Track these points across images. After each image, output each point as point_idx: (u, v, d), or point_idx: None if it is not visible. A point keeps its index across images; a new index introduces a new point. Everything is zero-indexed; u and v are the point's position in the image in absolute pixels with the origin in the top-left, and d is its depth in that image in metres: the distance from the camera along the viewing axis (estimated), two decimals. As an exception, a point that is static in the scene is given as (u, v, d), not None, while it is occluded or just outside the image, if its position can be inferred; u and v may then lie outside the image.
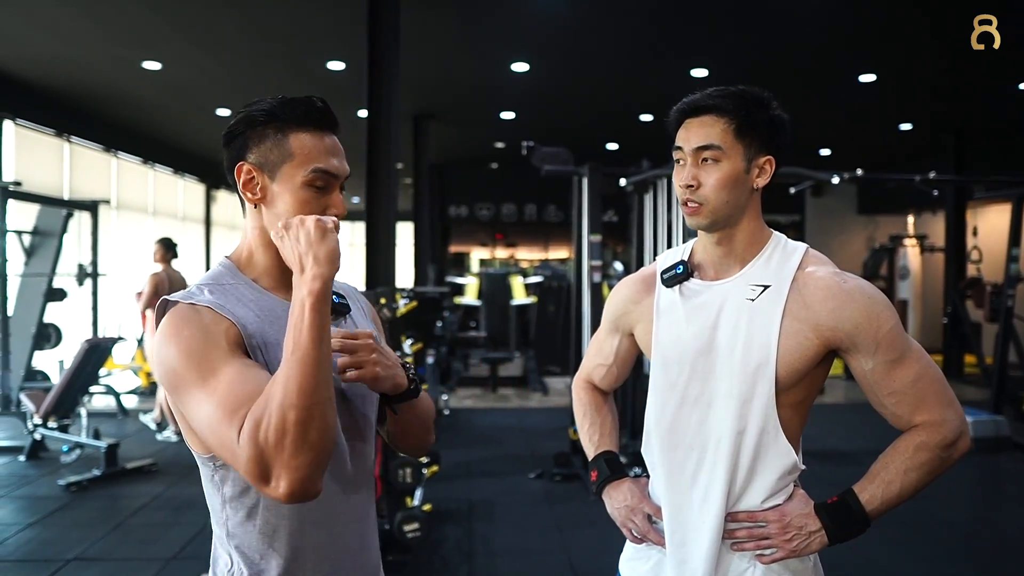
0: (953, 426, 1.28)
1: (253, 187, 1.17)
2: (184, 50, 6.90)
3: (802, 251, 1.35)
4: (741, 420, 1.31)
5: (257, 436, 0.96)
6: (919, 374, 1.28)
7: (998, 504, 5.16)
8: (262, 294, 1.18)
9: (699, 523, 1.34)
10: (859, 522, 1.29)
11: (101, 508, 4.59)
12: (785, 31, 6.35)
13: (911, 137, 10.67)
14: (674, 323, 1.40)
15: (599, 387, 1.67)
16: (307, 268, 1.04)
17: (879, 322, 1.27)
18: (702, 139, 1.32)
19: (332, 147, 1.18)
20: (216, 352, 1.06)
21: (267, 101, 1.17)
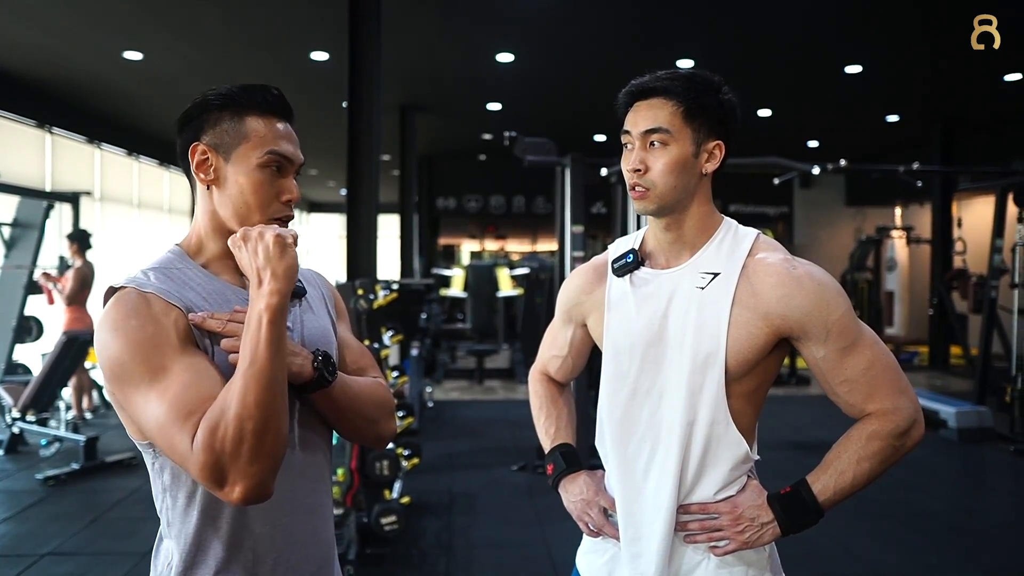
0: (906, 414, 1.25)
1: (206, 168, 1.16)
2: (166, 40, 6.82)
3: (752, 237, 1.32)
4: (691, 411, 1.29)
5: (213, 444, 0.97)
6: (871, 361, 1.26)
7: (981, 494, 5.17)
8: (211, 279, 1.17)
9: (652, 516, 1.32)
10: (811, 512, 1.27)
11: (78, 502, 4.55)
12: (772, 22, 6.32)
13: (898, 129, 10.67)
14: (624, 313, 1.37)
15: (555, 379, 1.64)
16: (265, 282, 1.04)
17: (829, 309, 1.24)
18: (650, 122, 1.29)
19: (287, 133, 1.19)
20: (166, 347, 1.04)
21: (223, 87, 1.17)
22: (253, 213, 1.15)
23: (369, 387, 1.28)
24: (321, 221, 21.62)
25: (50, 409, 5.53)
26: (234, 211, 1.16)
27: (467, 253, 18.41)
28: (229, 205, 1.16)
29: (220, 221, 1.18)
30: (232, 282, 1.19)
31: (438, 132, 11.20)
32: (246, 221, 1.15)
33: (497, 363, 9.91)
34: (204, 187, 1.17)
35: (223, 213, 1.17)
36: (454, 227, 17.01)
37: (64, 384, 5.59)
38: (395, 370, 4.46)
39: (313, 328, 1.24)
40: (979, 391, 6.49)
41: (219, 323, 1.09)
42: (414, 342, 6.52)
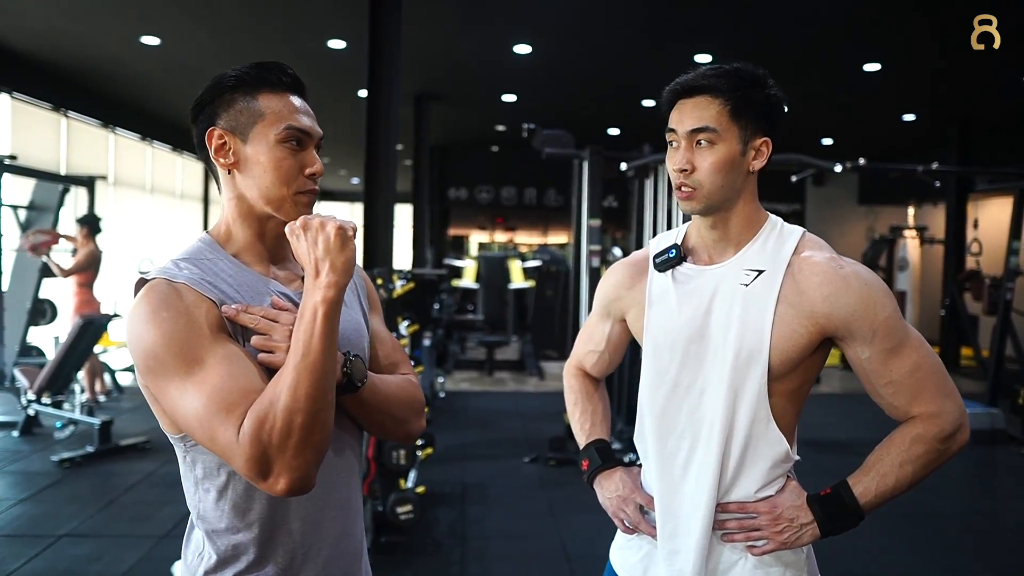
0: (951, 418, 1.23)
1: (225, 152, 1.15)
2: (183, 26, 6.82)
3: (798, 235, 1.31)
4: (732, 408, 1.28)
5: (260, 436, 0.97)
6: (917, 364, 1.24)
7: (993, 496, 5.16)
8: (241, 269, 1.16)
9: (690, 513, 1.31)
10: (852, 515, 1.26)
11: (94, 485, 4.59)
12: (790, 18, 6.27)
13: (914, 128, 10.61)
14: (666, 309, 1.36)
15: (590, 374, 1.64)
16: (323, 274, 1.03)
17: (876, 309, 1.22)
18: (696, 121, 1.27)
19: (303, 107, 1.18)
20: (200, 339, 1.03)
21: (233, 69, 1.16)
22: (278, 190, 1.14)
23: (399, 387, 1.27)
24: (332, 209, 21.59)
25: (65, 392, 5.56)
26: (260, 192, 1.15)
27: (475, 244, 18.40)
28: (254, 186, 1.15)
29: (247, 205, 1.17)
30: (263, 272, 1.18)
31: (452, 122, 11.17)
32: (272, 199, 1.14)
33: (507, 355, 9.92)
34: (226, 172, 1.16)
35: (250, 195, 1.16)
36: (463, 218, 16.99)
37: (79, 367, 5.62)
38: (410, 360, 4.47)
39: (345, 323, 1.21)
40: (991, 393, 6.46)
41: (252, 319, 1.08)
42: (426, 332, 6.53)
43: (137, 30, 6.90)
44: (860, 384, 1.33)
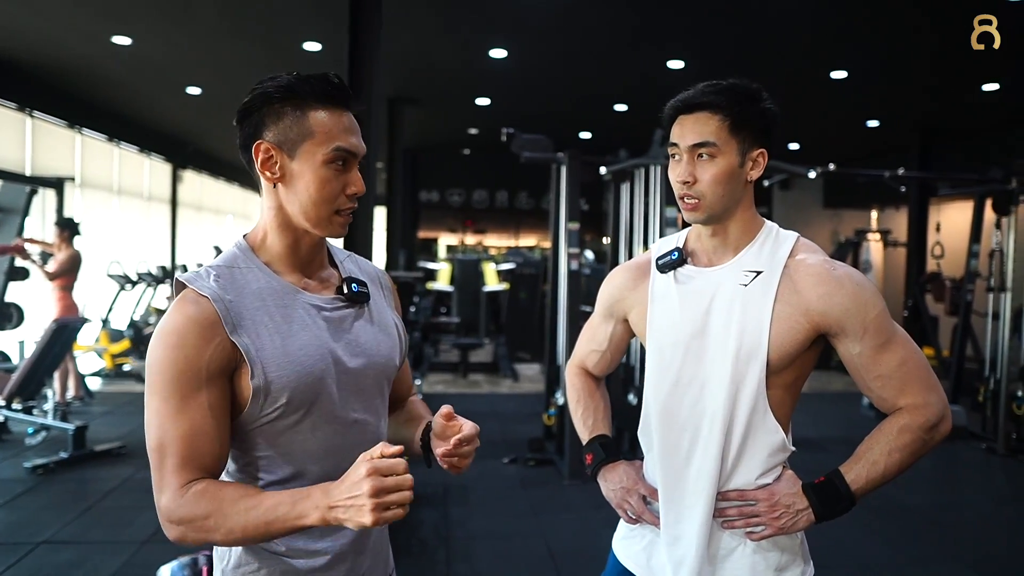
0: (936, 409, 1.32)
1: (271, 166, 1.16)
2: (157, 26, 6.75)
3: (793, 239, 1.40)
4: (732, 401, 1.36)
5: (184, 520, 1.07)
6: (904, 359, 1.33)
7: (956, 490, 5.34)
8: (271, 277, 1.18)
9: (693, 501, 1.39)
10: (845, 500, 1.34)
11: (70, 491, 4.53)
12: (762, 26, 6.42)
13: (877, 134, 10.89)
14: (668, 308, 1.44)
15: (592, 373, 1.70)
16: (344, 512, 0.99)
17: (867, 308, 1.31)
18: (697, 136, 1.35)
19: (351, 125, 1.18)
20: (196, 379, 1.09)
21: (283, 77, 1.16)
22: (320, 209, 1.16)
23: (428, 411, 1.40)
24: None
25: (37, 397, 5.47)
26: (301, 207, 1.17)
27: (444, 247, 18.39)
28: (296, 201, 1.16)
29: (286, 217, 1.19)
30: (294, 282, 1.20)
31: (424, 125, 11.19)
32: (312, 217, 1.17)
33: (480, 357, 9.95)
34: (270, 184, 1.18)
35: (290, 209, 1.18)
36: (433, 220, 16.98)
37: (52, 372, 5.53)
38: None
39: (371, 341, 1.25)
40: (953, 391, 6.66)
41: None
42: (403, 335, 6.54)
43: (108, 29, 6.81)
44: (830, 384, 1.42)
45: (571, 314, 5.04)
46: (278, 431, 1.15)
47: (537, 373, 9.19)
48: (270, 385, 1.11)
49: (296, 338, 1.15)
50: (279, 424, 1.15)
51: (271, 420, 1.14)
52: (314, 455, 1.17)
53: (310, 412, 1.16)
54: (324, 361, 1.16)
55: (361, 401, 1.22)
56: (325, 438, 1.18)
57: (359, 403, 1.22)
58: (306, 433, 1.16)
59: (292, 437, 1.16)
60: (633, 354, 5.56)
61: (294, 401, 1.13)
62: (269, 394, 1.11)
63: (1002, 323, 6.12)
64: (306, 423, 1.16)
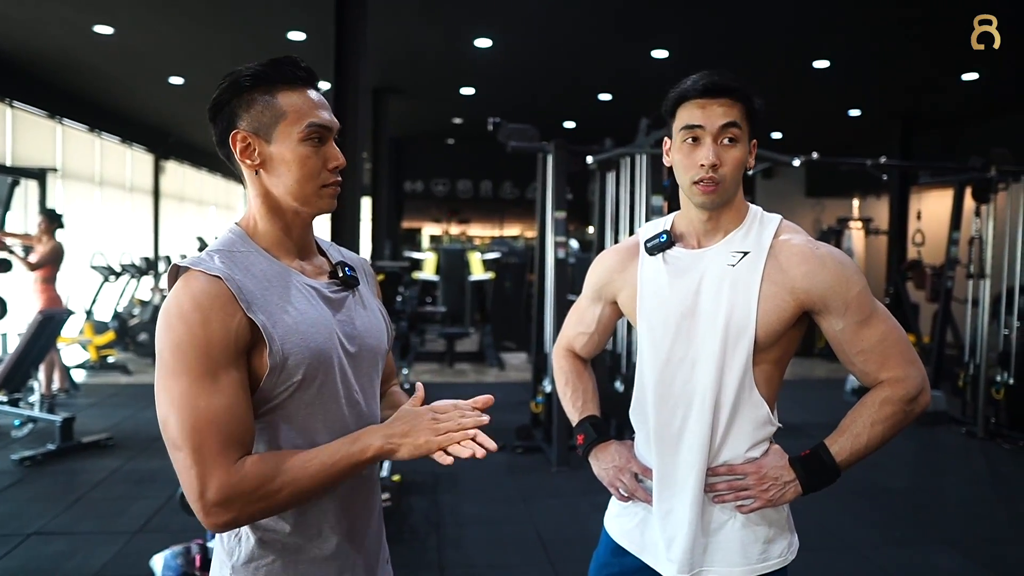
0: (915, 382, 1.37)
1: (251, 154, 1.18)
2: (139, 15, 6.69)
3: (777, 221, 1.45)
4: (721, 377, 1.40)
5: (243, 497, 1.05)
6: (885, 334, 1.38)
7: (937, 473, 5.44)
8: (271, 262, 1.19)
9: (685, 475, 1.43)
10: (830, 472, 1.39)
11: (58, 483, 4.52)
12: (746, 16, 6.46)
13: (858, 123, 10.99)
14: (658, 288, 1.48)
15: (579, 354, 1.74)
16: (406, 443, 1.09)
17: (849, 285, 1.36)
18: (727, 118, 1.37)
19: (320, 101, 1.20)
20: (221, 355, 1.07)
21: (248, 67, 1.17)
22: (305, 186, 1.18)
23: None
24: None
25: (23, 389, 5.44)
26: (286, 188, 1.18)
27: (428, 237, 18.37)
28: (280, 184, 1.18)
29: (274, 200, 1.20)
30: (291, 265, 1.21)
31: (409, 115, 11.17)
32: (299, 195, 1.18)
33: (466, 346, 9.98)
34: (252, 172, 1.19)
35: (276, 192, 1.19)
36: (416, 211, 16.96)
37: (38, 364, 5.50)
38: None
39: (365, 325, 1.27)
40: (933, 377, 6.78)
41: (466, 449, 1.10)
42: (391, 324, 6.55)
43: (90, 19, 6.75)
44: (808, 370, 1.47)
45: (558, 302, 5.07)
46: (290, 411, 1.16)
47: (523, 362, 9.23)
48: (287, 360, 1.11)
49: (306, 315, 1.16)
50: (291, 403, 1.15)
51: (283, 400, 1.14)
52: (326, 435, 1.17)
53: (320, 392, 1.17)
54: (332, 340, 1.19)
55: (359, 382, 1.24)
56: (332, 419, 1.19)
57: (358, 384, 1.24)
58: (318, 412, 1.17)
59: (303, 416, 1.16)
60: (619, 342, 5.61)
61: (307, 377, 1.14)
62: (284, 369, 1.11)
63: (981, 309, 6.22)
64: (316, 403, 1.17)
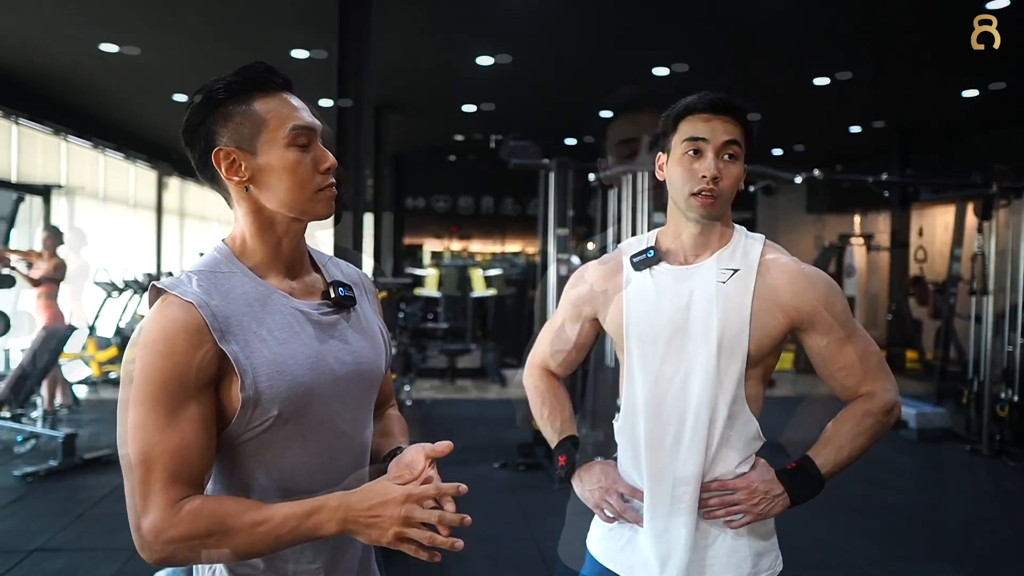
0: (892, 395, 1.44)
1: (237, 170, 1.11)
2: (143, 33, 6.75)
3: (762, 241, 1.49)
4: (714, 394, 1.41)
5: (174, 542, 1.00)
6: (864, 349, 1.44)
7: (941, 490, 5.42)
8: (257, 283, 1.13)
9: (681, 493, 1.43)
10: (816, 483, 1.42)
11: (61, 499, 4.51)
12: (746, 33, 6.51)
13: (858, 139, 11.03)
14: (647, 304, 1.47)
15: (555, 372, 1.70)
16: (365, 527, 1.01)
17: (834, 303, 1.42)
18: (730, 135, 1.41)
19: (299, 104, 1.14)
20: (184, 388, 1.03)
21: (218, 79, 1.12)
22: (299, 193, 1.11)
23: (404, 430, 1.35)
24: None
25: (26, 405, 5.44)
26: (280, 200, 1.12)
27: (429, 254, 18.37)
28: (273, 197, 1.11)
29: (267, 216, 1.14)
30: (278, 286, 1.15)
31: (410, 132, 11.22)
32: (295, 204, 1.12)
33: (468, 363, 9.97)
34: (241, 189, 1.12)
35: (271, 206, 1.13)
36: (418, 227, 17.00)
37: (42, 380, 5.51)
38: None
39: (359, 349, 1.20)
40: (937, 393, 6.77)
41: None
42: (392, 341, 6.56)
43: (95, 36, 6.80)
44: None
45: (561, 319, 5.07)
46: (266, 445, 1.10)
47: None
48: (260, 396, 1.05)
49: (286, 346, 1.09)
50: (267, 437, 1.09)
51: (259, 433, 1.08)
52: (306, 469, 1.12)
53: (300, 424, 1.10)
54: (315, 370, 1.11)
55: (350, 411, 1.18)
56: (315, 452, 1.13)
57: (348, 413, 1.17)
58: (296, 447, 1.11)
59: (282, 451, 1.10)
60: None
61: (284, 412, 1.08)
62: (259, 405, 1.06)
63: (985, 326, 6.21)
64: (296, 436, 1.11)
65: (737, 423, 1.42)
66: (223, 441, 1.08)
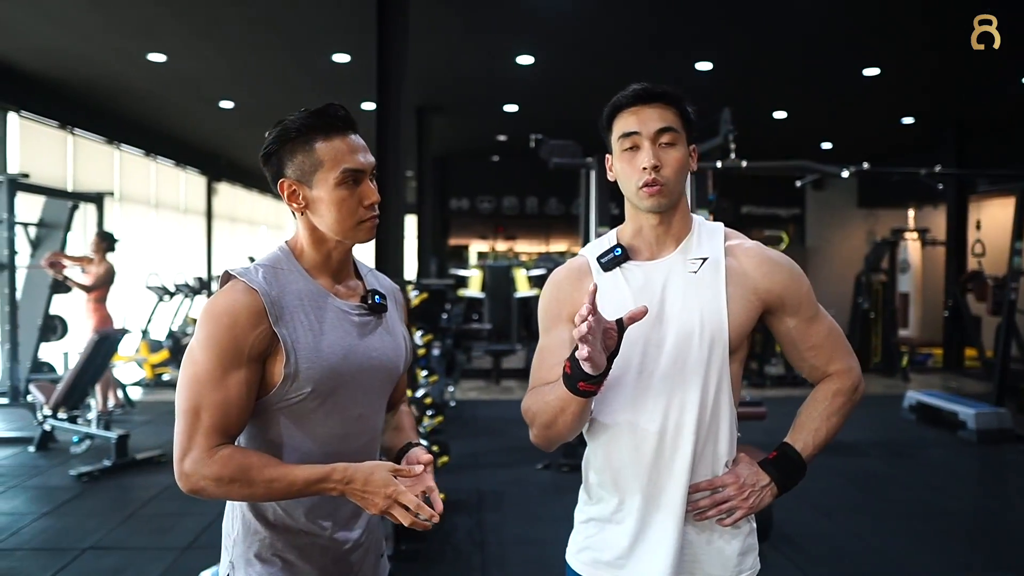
0: (857, 372, 1.47)
1: (296, 199, 1.35)
2: (189, 42, 6.90)
3: (722, 227, 1.48)
4: (698, 385, 1.37)
5: (206, 479, 1.22)
6: (830, 329, 1.47)
7: (1002, 495, 5.21)
8: (309, 281, 1.36)
9: (670, 491, 1.38)
10: (799, 469, 1.42)
11: (113, 498, 4.63)
12: (790, 25, 6.37)
13: (912, 130, 10.71)
14: (622, 303, 1.39)
15: None
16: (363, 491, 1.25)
17: (800, 283, 1.44)
18: (662, 122, 1.39)
19: (355, 145, 1.34)
20: (236, 357, 1.25)
21: (294, 118, 1.33)
22: (343, 223, 1.34)
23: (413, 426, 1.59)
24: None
25: (80, 407, 5.60)
26: (328, 226, 1.34)
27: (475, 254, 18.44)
28: (322, 222, 1.34)
29: (320, 235, 1.37)
30: (327, 287, 1.38)
31: (453, 133, 11.27)
32: (339, 231, 1.35)
33: (512, 363, 9.96)
34: (300, 213, 1.36)
35: (321, 228, 1.36)
36: (463, 228, 17.07)
37: (95, 382, 5.66)
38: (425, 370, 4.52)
39: (385, 348, 1.43)
40: (998, 393, 6.52)
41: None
42: (435, 342, 6.58)
43: (143, 47, 6.98)
44: (868, 387, 1.43)
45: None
46: (297, 414, 1.32)
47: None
48: (299, 374, 1.28)
49: (326, 336, 1.32)
50: (297, 408, 1.32)
51: (291, 404, 1.31)
52: (321, 440, 1.34)
53: (325, 403, 1.33)
54: (346, 360, 1.34)
55: (368, 398, 1.40)
56: (334, 426, 1.35)
57: (365, 400, 1.39)
58: (319, 419, 1.33)
59: (308, 422, 1.33)
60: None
61: (316, 391, 1.30)
62: (296, 381, 1.28)
63: (1047, 322, 5.97)
64: (320, 411, 1.33)
65: (721, 414, 1.40)
66: (262, 406, 1.31)
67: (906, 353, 9.89)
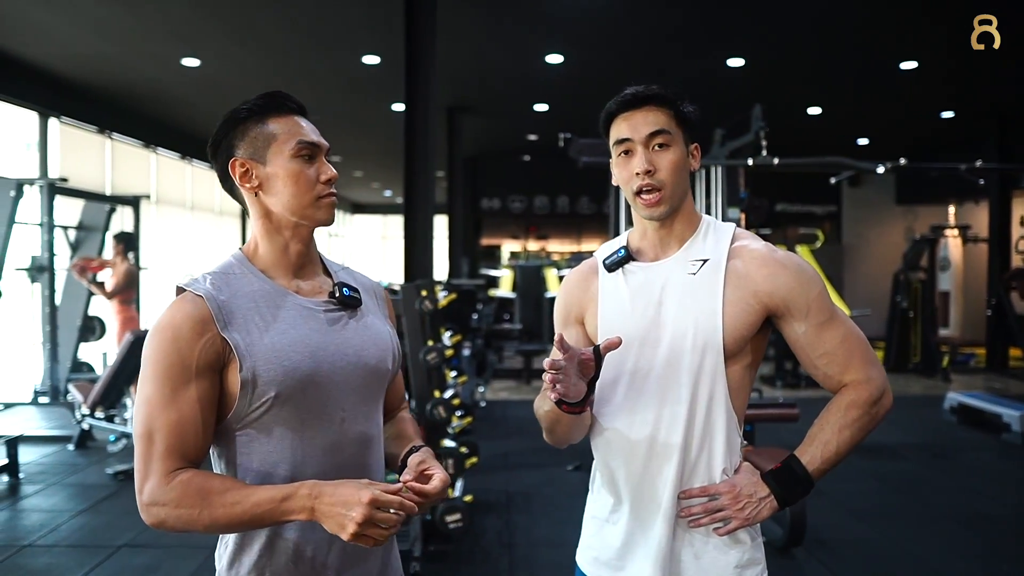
0: (878, 383, 1.35)
1: (249, 177, 1.27)
2: (222, 46, 7.00)
3: (732, 228, 1.43)
4: (691, 390, 1.35)
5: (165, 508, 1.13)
6: (845, 335, 1.37)
7: (1047, 499, 5.05)
8: (264, 281, 1.27)
9: (660, 497, 1.36)
10: (803, 483, 1.34)
11: (148, 497, 4.69)
12: (823, 17, 6.25)
13: (952, 125, 10.45)
14: (619, 304, 1.42)
15: None
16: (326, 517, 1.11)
17: (809, 287, 1.36)
18: (653, 126, 1.38)
19: (309, 126, 1.30)
20: (183, 372, 1.16)
21: (242, 104, 1.29)
22: (301, 199, 1.26)
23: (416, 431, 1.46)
24: (364, 222, 21.90)
25: (117, 406, 5.71)
26: (284, 204, 1.26)
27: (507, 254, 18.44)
28: (279, 201, 1.26)
29: (275, 219, 1.28)
30: (285, 285, 1.28)
31: (483, 133, 11.27)
32: (297, 208, 1.26)
33: (543, 363, 9.92)
34: (252, 195, 1.28)
35: (276, 209, 1.27)
36: (495, 227, 17.08)
37: (131, 382, 5.76)
38: (454, 370, 4.52)
39: (362, 344, 1.30)
40: (1042, 394, 6.33)
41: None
42: (466, 342, 6.58)
43: (178, 52, 7.09)
44: (908, 388, 1.36)
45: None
46: (267, 428, 1.21)
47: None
48: (257, 379, 1.17)
49: (285, 335, 1.21)
50: (267, 420, 1.20)
51: (260, 415, 1.20)
52: (306, 453, 1.23)
53: (298, 409, 1.21)
54: (313, 359, 1.22)
55: (350, 401, 1.28)
56: (314, 435, 1.23)
57: (348, 403, 1.27)
58: (295, 429, 1.22)
59: (284, 434, 1.21)
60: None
61: (282, 394, 1.19)
62: (256, 387, 1.17)
63: (1094, 321, 5.77)
64: (295, 420, 1.21)
65: (717, 422, 1.35)
66: (229, 427, 1.21)
67: (947, 353, 9.65)
